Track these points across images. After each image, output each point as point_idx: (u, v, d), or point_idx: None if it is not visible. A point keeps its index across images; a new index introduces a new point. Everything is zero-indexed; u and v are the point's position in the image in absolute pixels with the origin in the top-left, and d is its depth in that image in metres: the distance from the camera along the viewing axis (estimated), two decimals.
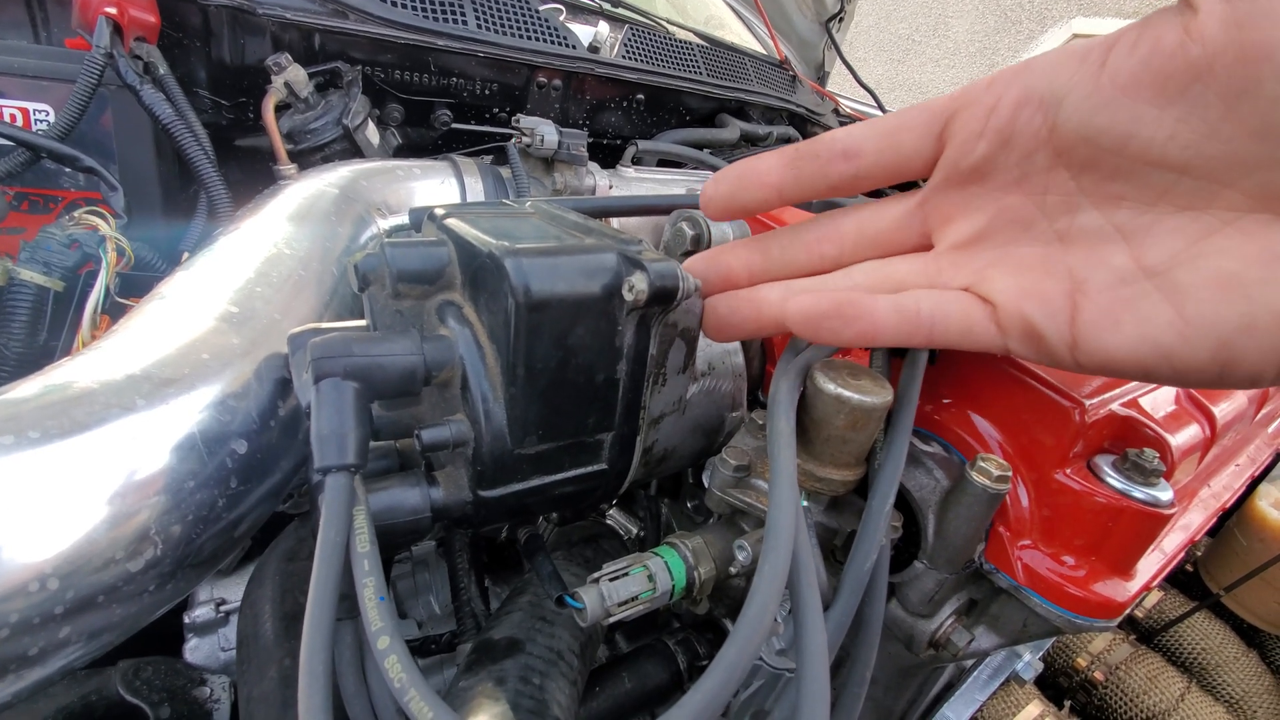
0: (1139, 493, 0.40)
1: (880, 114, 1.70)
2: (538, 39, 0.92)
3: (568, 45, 0.95)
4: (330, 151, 0.74)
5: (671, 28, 1.27)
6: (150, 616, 0.33)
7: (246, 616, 0.49)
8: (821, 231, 0.38)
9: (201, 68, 0.75)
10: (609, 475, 0.41)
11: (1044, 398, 0.42)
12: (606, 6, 1.17)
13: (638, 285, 0.33)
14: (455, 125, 0.92)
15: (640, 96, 1.09)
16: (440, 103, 0.90)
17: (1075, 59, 0.28)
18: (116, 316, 0.49)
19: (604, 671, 0.55)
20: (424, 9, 0.83)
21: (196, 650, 0.64)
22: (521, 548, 0.51)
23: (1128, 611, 0.41)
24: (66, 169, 0.60)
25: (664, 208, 0.58)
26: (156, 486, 0.31)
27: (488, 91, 0.92)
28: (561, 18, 1.01)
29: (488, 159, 0.75)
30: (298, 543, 0.53)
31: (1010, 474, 0.38)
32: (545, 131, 0.74)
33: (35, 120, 0.60)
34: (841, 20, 1.87)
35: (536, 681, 0.43)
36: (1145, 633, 1.00)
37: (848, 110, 1.67)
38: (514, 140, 0.75)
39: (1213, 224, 0.27)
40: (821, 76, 2.00)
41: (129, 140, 0.63)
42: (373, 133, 0.79)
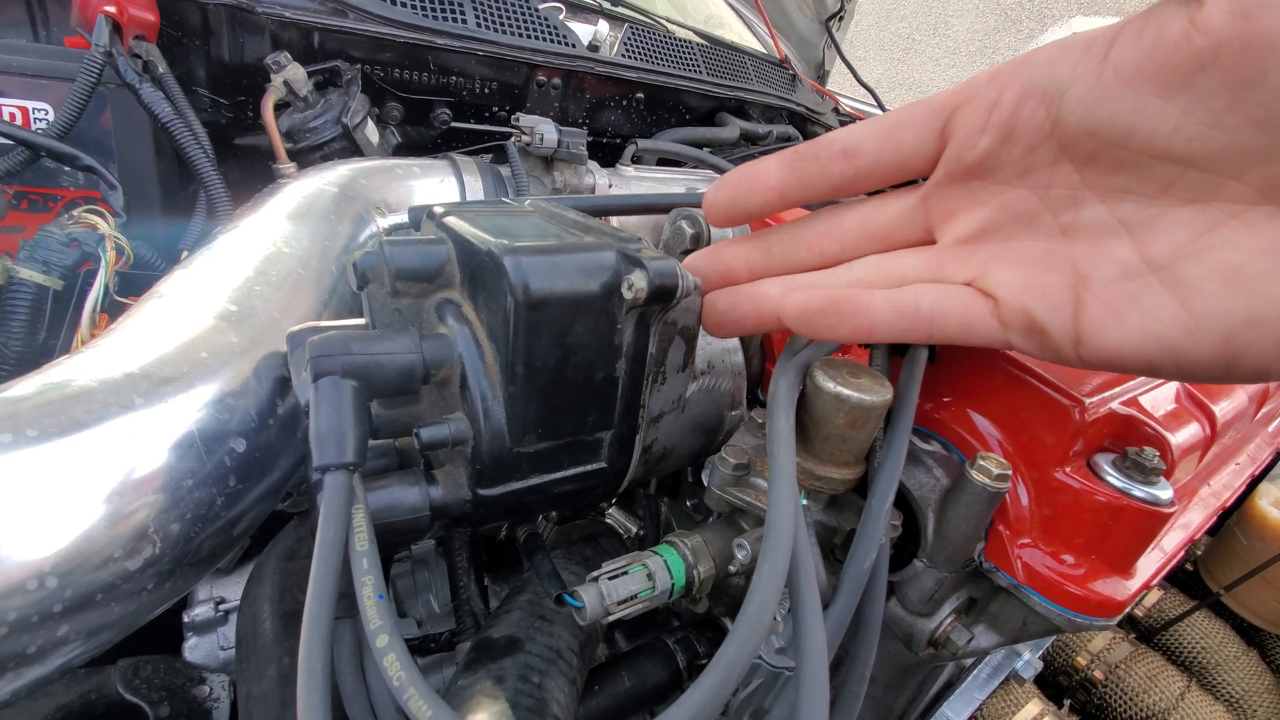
0: (1139, 491, 0.40)
1: (880, 113, 1.70)
2: (537, 38, 0.92)
3: (567, 44, 0.95)
4: (329, 150, 0.74)
5: (671, 26, 1.27)
6: (149, 615, 0.33)
7: (245, 615, 0.49)
8: (823, 227, 0.38)
9: (201, 66, 0.75)
10: (608, 474, 0.40)
11: (1044, 396, 0.42)
12: (606, 5, 1.17)
13: (637, 283, 0.33)
14: (454, 124, 0.92)
15: (640, 95, 1.09)
16: (440, 101, 0.90)
17: (1078, 51, 0.28)
18: (115, 315, 0.49)
19: (603, 670, 0.55)
20: (423, 8, 0.83)
21: (196, 649, 0.64)
22: (521, 546, 0.51)
23: (1127, 610, 0.41)
24: (66, 168, 0.60)
25: (663, 206, 0.58)
26: (155, 485, 0.31)
27: (487, 90, 0.92)
28: (561, 16, 1.01)
29: (487, 158, 0.75)
30: (297, 541, 0.53)
31: (1010, 472, 0.38)
32: (545, 130, 0.73)
33: (34, 119, 0.60)
34: (841, 19, 1.87)
35: (536, 680, 0.43)
36: (1145, 631, 1.00)
37: (848, 109, 1.67)
38: (513, 139, 0.75)
39: (1218, 217, 0.27)
40: (821, 75, 2.00)
41: (128, 139, 0.63)
42: (372, 131, 0.79)
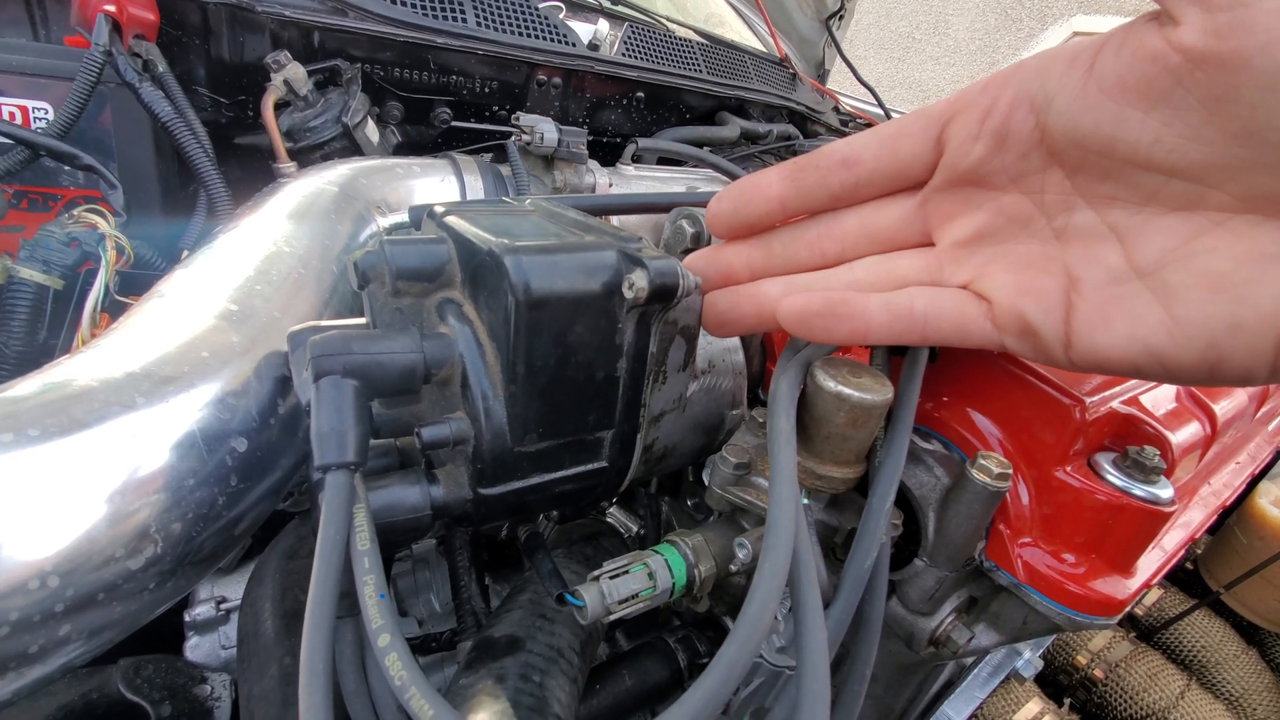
0: (1139, 490, 0.40)
1: (880, 112, 1.70)
2: (537, 37, 0.92)
3: (567, 43, 0.95)
4: (330, 149, 0.74)
5: (671, 25, 1.27)
6: (150, 614, 0.33)
7: (247, 614, 0.49)
8: (823, 228, 0.38)
9: (201, 65, 0.75)
10: (609, 473, 0.40)
11: (1044, 395, 0.42)
12: (606, 4, 1.17)
13: (638, 283, 0.33)
14: (455, 123, 0.92)
15: (640, 94, 1.09)
16: (440, 100, 0.90)
17: (1064, 61, 0.29)
18: (116, 314, 0.49)
19: (604, 669, 0.55)
20: (424, 7, 0.83)
21: (197, 648, 0.64)
22: (522, 546, 0.51)
23: (1128, 609, 0.41)
24: (66, 167, 0.60)
25: (664, 206, 0.58)
26: (156, 484, 0.31)
27: (487, 89, 0.92)
28: (561, 15, 1.01)
29: (487, 157, 0.75)
30: (298, 541, 0.53)
31: (1010, 471, 0.38)
32: (545, 129, 0.73)
33: (34, 118, 0.60)
34: (841, 18, 1.87)
35: (537, 679, 0.43)
36: (1145, 630, 1.00)
37: (848, 108, 1.67)
38: (514, 138, 0.75)
39: (1202, 224, 0.27)
40: (822, 74, 2.00)
41: (128, 138, 0.63)
42: (372, 130, 0.79)
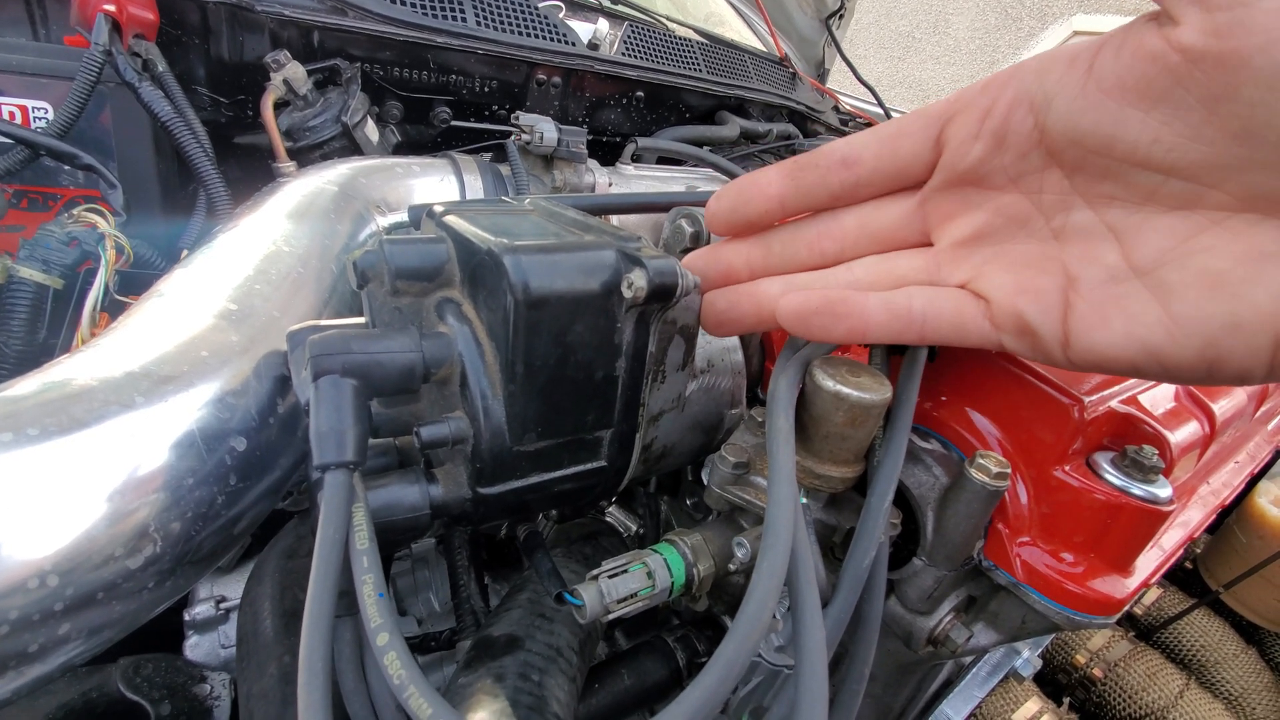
0: (1138, 490, 0.40)
1: (880, 111, 1.70)
2: (537, 36, 0.92)
3: (567, 42, 0.95)
4: (329, 149, 0.74)
5: (671, 25, 1.27)
6: (150, 613, 0.33)
7: (246, 614, 0.49)
8: (823, 228, 0.38)
9: (200, 65, 0.75)
10: (608, 472, 0.41)
11: (1043, 395, 0.42)
12: (606, 4, 1.17)
13: (637, 282, 0.33)
14: (454, 122, 0.92)
15: (640, 94, 1.09)
16: (439, 100, 0.90)
17: (1064, 61, 0.29)
18: (115, 314, 0.49)
19: (603, 668, 0.55)
20: (424, 6, 0.83)
21: (197, 647, 0.64)
22: (521, 545, 0.51)
23: (1126, 608, 0.41)
24: (65, 166, 0.60)
25: (663, 205, 0.58)
26: (156, 484, 0.31)
27: (487, 89, 0.92)
28: (561, 15, 1.01)
29: (487, 156, 0.75)
30: (297, 540, 0.53)
31: (1009, 471, 0.38)
32: (544, 129, 0.73)
33: (34, 118, 0.60)
34: (841, 17, 1.87)
35: (536, 678, 0.43)
36: (1144, 630, 1.01)
37: (847, 107, 1.67)
38: (513, 137, 0.75)
39: (1201, 223, 0.27)
40: (821, 74, 2.00)
41: (128, 138, 0.63)
42: (372, 130, 0.79)
